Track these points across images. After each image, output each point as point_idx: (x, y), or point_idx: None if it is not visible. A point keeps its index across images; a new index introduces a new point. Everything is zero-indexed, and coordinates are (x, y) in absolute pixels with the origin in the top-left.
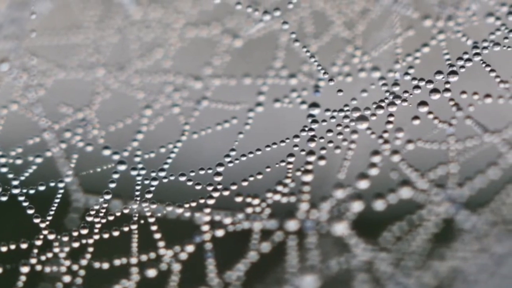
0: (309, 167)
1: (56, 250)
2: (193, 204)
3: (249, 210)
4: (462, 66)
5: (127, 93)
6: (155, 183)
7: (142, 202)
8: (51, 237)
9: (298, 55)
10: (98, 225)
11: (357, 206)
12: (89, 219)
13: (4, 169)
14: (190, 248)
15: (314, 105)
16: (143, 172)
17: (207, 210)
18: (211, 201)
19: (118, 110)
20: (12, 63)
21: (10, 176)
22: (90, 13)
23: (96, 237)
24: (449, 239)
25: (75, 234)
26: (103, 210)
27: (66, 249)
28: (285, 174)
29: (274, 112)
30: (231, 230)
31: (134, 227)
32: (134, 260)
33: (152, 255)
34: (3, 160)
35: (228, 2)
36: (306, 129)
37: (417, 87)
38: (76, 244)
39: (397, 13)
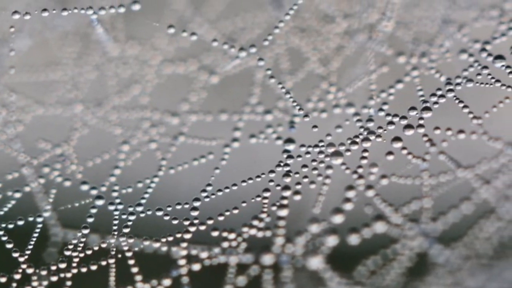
0: (285, 202)
1: (35, 284)
2: (170, 239)
3: (225, 244)
4: (436, 102)
5: (105, 129)
6: (132, 217)
7: (119, 236)
8: (30, 271)
9: (273, 91)
10: (76, 259)
11: (332, 241)
12: (67, 253)
13: None
14: (167, 282)
15: (290, 140)
16: (120, 207)
17: (184, 245)
18: (187, 236)
19: (96, 145)
20: None
21: None
22: (68, 50)
23: (74, 271)
24: (423, 273)
25: (53, 268)
26: (81, 244)
27: (45, 283)
28: (261, 208)
29: (250, 147)
30: (208, 264)
31: (111, 261)
32: None
33: None
34: None
35: (204, 39)
36: (282, 164)
37: (391, 123)
38: (54, 278)
39: (372, 50)
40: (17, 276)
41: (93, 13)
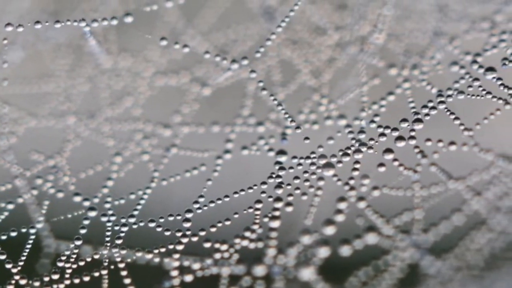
0: (277, 213)
1: None
2: (163, 250)
3: (217, 255)
4: (427, 114)
5: (98, 140)
6: (125, 229)
7: (112, 247)
8: (23, 282)
9: (265, 103)
10: (69, 270)
11: (323, 252)
12: (60, 264)
13: None
14: None
15: (281, 152)
16: (113, 218)
17: (176, 256)
18: (180, 247)
19: (89, 157)
20: None
21: None
22: (61, 62)
23: (67, 282)
24: (414, 284)
25: (46, 279)
26: (74, 256)
27: None
28: (253, 220)
29: (242, 159)
30: (200, 275)
31: (104, 272)
32: None
33: None
34: None
35: (196, 51)
36: (274, 176)
37: (382, 134)
38: None
39: (363, 62)
40: None
41: (85, 25)
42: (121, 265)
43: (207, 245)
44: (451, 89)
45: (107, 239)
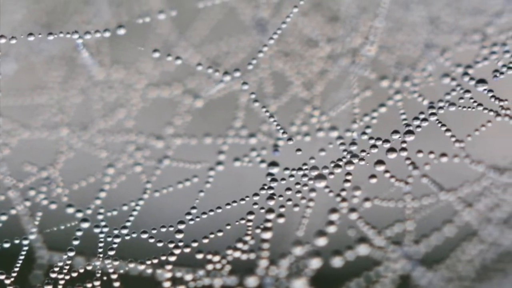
0: (269, 224)
1: None
2: (155, 261)
3: (209, 266)
4: (418, 126)
5: (91, 152)
6: (117, 240)
7: (105, 258)
8: None
9: (257, 115)
10: (62, 282)
11: (315, 263)
12: (53, 275)
13: None
14: None
15: (273, 164)
16: (106, 229)
17: (169, 267)
18: (172, 258)
19: (82, 169)
20: None
21: None
22: (54, 74)
23: None
24: None
25: None
26: (67, 267)
27: None
28: (245, 231)
29: (234, 171)
30: (192, 287)
31: (97, 283)
32: None
33: None
34: None
35: (189, 63)
36: (266, 187)
37: (374, 146)
38: None
39: (355, 74)
40: None
41: (78, 37)
42: (114, 276)
43: (200, 256)
44: (442, 101)
45: (100, 250)
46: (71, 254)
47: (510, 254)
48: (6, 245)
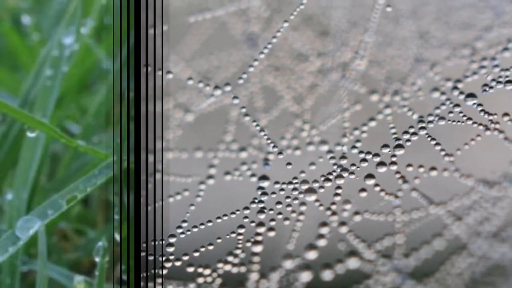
0: (259, 238)
1: None
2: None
3: (200, 280)
4: (408, 140)
5: None
6: None
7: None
8: None
9: (248, 129)
10: None
11: (305, 276)
12: None
13: None
14: None
15: (264, 177)
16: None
17: (159, 280)
18: (163, 271)
19: None
20: None
21: None
22: None
23: None
24: None
25: None
26: None
27: None
28: (236, 245)
29: (224, 184)
30: None
31: None
32: None
33: None
34: None
35: (180, 77)
36: (256, 201)
37: (364, 160)
38: None
39: (345, 88)
40: None
41: None
42: None
43: (190, 269)
44: (432, 115)
45: None
46: None
47: (499, 268)
48: None
